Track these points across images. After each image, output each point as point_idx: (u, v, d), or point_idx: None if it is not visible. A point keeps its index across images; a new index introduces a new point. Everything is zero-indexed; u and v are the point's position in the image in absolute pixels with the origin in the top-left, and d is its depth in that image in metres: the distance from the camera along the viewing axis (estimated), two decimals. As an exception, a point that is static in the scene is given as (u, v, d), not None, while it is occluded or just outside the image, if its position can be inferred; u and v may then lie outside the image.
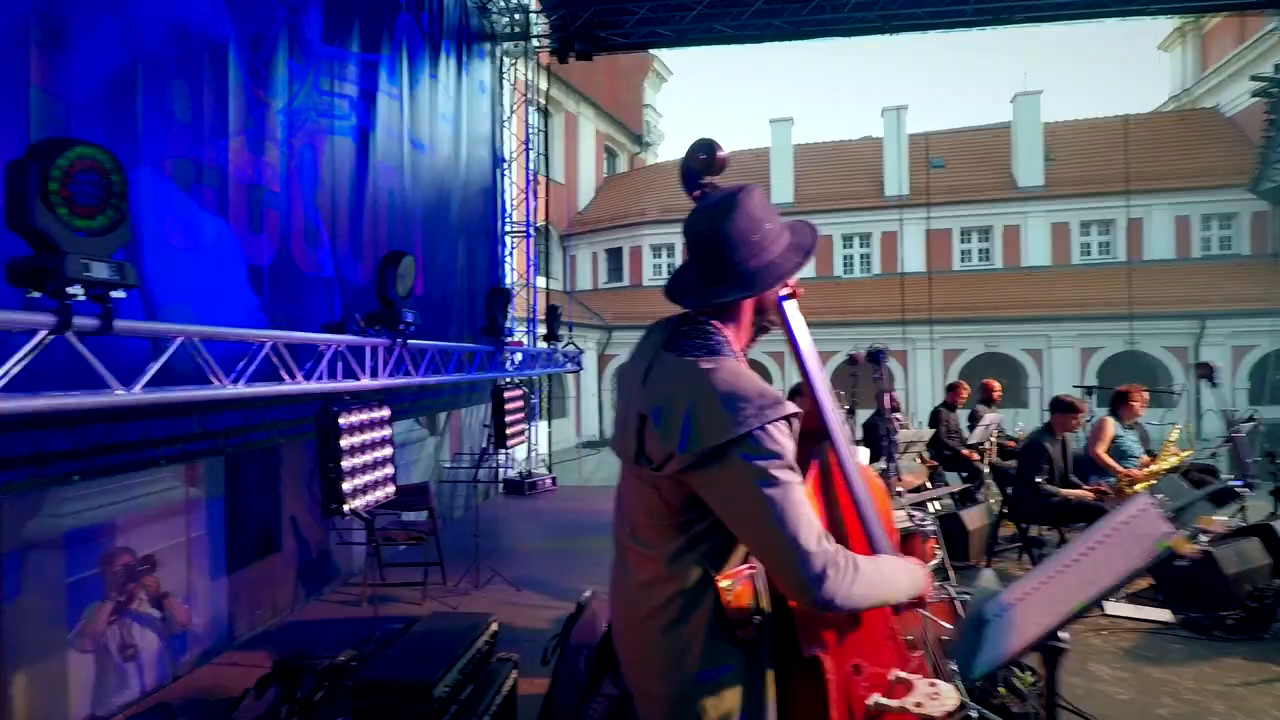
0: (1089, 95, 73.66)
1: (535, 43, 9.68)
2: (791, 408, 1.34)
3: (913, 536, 3.35)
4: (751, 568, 1.47)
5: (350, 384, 3.99)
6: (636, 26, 9.29)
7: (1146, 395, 6.39)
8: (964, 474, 7.14)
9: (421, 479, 7.47)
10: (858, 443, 6.84)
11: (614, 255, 22.58)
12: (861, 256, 20.92)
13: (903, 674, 1.71)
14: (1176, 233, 19.36)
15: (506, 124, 9.69)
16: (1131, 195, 19.12)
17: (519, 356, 8.30)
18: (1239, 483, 5.05)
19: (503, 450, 8.19)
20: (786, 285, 1.65)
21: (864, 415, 6.66)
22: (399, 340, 4.33)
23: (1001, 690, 3.23)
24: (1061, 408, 5.20)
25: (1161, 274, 18.64)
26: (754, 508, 1.25)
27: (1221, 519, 4.79)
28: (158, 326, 2.52)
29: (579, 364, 8.80)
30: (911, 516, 3.35)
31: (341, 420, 4.04)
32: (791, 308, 1.70)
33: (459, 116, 7.91)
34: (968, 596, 3.33)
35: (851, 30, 9.14)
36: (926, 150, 20.38)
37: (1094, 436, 5.49)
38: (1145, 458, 5.69)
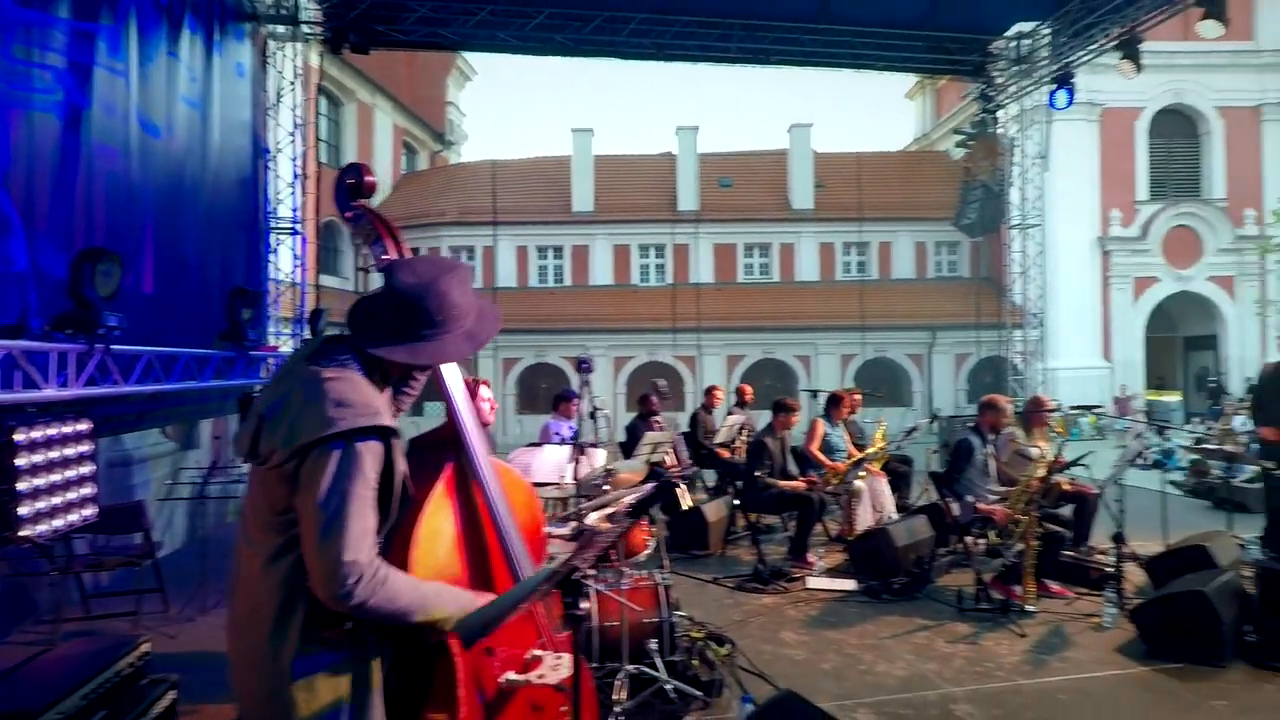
0: (860, 129, 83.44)
1: (305, 29, 9.11)
2: (387, 421, 1.46)
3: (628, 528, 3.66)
4: None
5: (28, 395, 3.57)
6: (417, 25, 9.11)
7: (859, 398, 7.47)
8: (718, 470, 7.83)
9: (162, 496, 6.76)
10: (621, 444, 7.29)
11: (411, 255, 21.76)
12: (657, 266, 22.01)
13: (538, 651, 1.92)
14: (916, 256, 22.55)
15: (272, 112, 9.03)
16: (882, 222, 22.02)
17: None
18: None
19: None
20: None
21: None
22: (99, 345, 3.92)
23: (695, 662, 3.64)
24: (780, 408, 5.94)
25: (904, 292, 21.62)
26: (318, 503, 1.36)
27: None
28: None
29: (351, 369, 8.42)
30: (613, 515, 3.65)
31: (20, 436, 3.60)
32: None
33: (208, 100, 7.26)
34: (670, 583, 3.72)
35: (629, 54, 9.67)
36: (697, 170, 21.89)
37: (808, 436, 6.32)
38: (853, 449, 6.65)
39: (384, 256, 1.90)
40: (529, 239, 21.83)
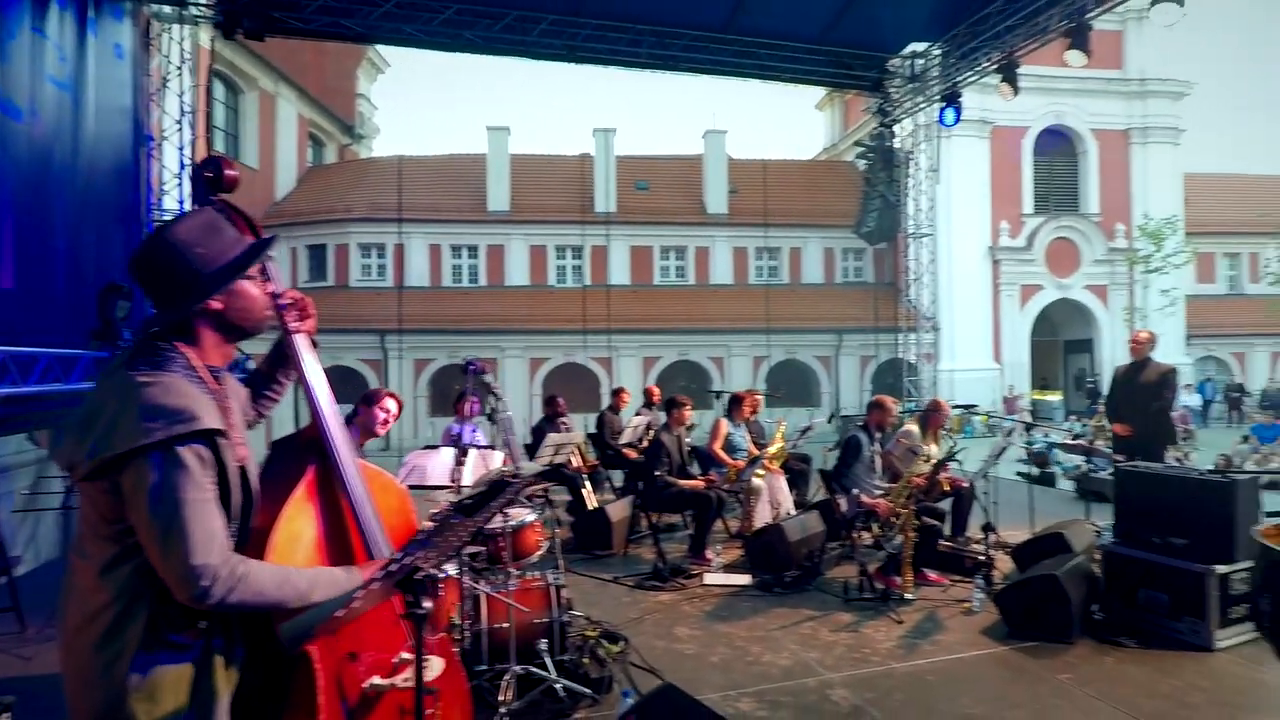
0: (775, 138, 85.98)
1: (194, 10, 8.62)
2: (208, 424, 1.41)
3: (517, 530, 3.68)
4: None
5: None
6: (317, 14, 8.78)
7: (759, 399, 7.71)
8: (626, 470, 7.91)
9: (22, 508, 6.24)
10: (527, 446, 7.25)
11: (317, 252, 20.92)
12: (574, 268, 21.98)
13: (406, 655, 1.90)
14: (824, 262, 23.40)
15: (157, 97, 8.50)
16: (792, 228, 22.74)
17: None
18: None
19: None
20: (285, 318, 1.77)
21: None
22: (-61, 345, 3.61)
23: (586, 660, 3.69)
24: (673, 405, 6.08)
25: (813, 296, 22.41)
26: (149, 516, 1.32)
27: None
28: None
29: (245, 371, 8.02)
30: (504, 514, 3.65)
31: None
32: (300, 340, 1.85)
33: (81, 82, 6.77)
34: (562, 583, 3.75)
35: (539, 54, 9.62)
36: (614, 172, 22.04)
37: (711, 435, 6.48)
38: (753, 449, 6.85)
39: None
40: (443, 238, 21.38)
